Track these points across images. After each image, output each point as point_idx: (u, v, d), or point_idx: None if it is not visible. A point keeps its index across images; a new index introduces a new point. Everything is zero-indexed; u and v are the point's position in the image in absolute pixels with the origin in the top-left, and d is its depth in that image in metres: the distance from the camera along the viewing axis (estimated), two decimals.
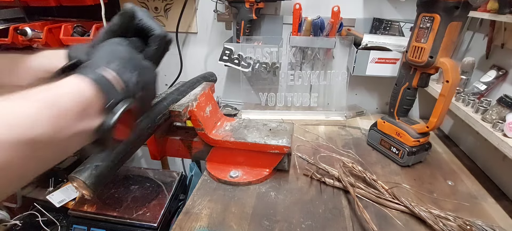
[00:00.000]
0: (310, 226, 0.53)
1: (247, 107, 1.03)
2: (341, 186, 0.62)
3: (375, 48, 0.85)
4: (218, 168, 0.67)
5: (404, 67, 0.70)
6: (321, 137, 0.85)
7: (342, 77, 0.95)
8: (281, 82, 0.99)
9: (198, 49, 1.09)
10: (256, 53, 0.91)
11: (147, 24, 0.38)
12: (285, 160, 0.65)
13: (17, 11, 1.02)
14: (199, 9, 1.01)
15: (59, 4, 0.96)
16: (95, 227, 0.74)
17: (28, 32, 0.92)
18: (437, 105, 0.63)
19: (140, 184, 0.83)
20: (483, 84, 0.71)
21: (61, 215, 0.94)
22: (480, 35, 0.78)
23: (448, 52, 0.60)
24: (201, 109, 0.62)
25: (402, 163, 0.70)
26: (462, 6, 0.55)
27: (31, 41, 0.94)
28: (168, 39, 0.41)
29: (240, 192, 0.62)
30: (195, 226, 0.53)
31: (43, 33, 0.93)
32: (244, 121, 0.71)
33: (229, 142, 0.63)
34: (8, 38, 0.94)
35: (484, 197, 0.62)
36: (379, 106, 1.07)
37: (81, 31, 1.00)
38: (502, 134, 0.56)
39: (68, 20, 1.07)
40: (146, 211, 0.74)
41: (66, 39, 0.97)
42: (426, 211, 0.54)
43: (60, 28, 0.96)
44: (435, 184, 0.65)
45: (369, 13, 0.92)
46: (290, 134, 0.65)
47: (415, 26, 0.62)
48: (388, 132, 0.74)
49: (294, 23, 0.88)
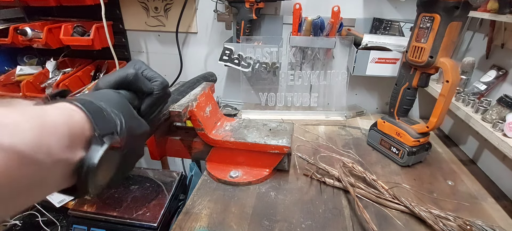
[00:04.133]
0: (310, 226, 0.53)
1: (247, 108, 1.03)
2: (341, 186, 0.62)
3: (375, 48, 0.85)
4: (218, 168, 0.67)
5: (404, 67, 0.70)
6: (321, 137, 0.85)
7: (342, 77, 0.95)
8: (281, 82, 0.99)
9: (198, 49, 1.09)
10: (256, 53, 0.91)
11: (149, 74, 0.39)
12: (285, 160, 0.65)
13: (17, 11, 1.03)
14: (199, 9, 1.01)
15: (59, 4, 0.96)
16: (95, 227, 0.74)
17: (28, 32, 0.92)
18: (437, 105, 0.63)
19: (140, 184, 0.83)
20: (483, 84, 0.71)
21: (61, 215, 0.93)
22: (480, 35, 0.78)
23: (448, 52, 0.60)
24: (201, 110, 0.62)
25: (402, 163, 0.70)
26: (462, 6, 0.55)
27: (31, 41, 0.94)
28: (167, 93, 0.42)
29: (240, 192, 0.62)
30: (195, 226, 0.53)
31: (43, 33, 0.93)
32: (244, 121, 0.71)
33: (229, 142, 0.63)
34: (8, 38, 0.94)
35: (484, 197, 0.62)
36: (379, 106, 1.07)
37: (81, 31, 1.00)
38: (502, 134, 0.56)
39: (68, 20, 1.07)
40: (146, 211, 0.74)
41: (66, 39, 0.97)
42: (426, 211, 0.53)
43: (60, 28, 0.96)
44: (435, 184, 0.65)
45: (369, 13, 0.92)
46: (290, 134, 0.65)
47: (415, 26, 0.62)
48: (388, 132, 0.74)
49: (294, 23, 0.88)
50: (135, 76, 0.36)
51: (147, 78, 0.39)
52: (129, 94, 0.36)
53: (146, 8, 1.04)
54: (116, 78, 0.36)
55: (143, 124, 0.36)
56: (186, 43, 1.09)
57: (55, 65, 1.09)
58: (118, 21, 1.08)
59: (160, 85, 0.40)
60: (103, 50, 1.03)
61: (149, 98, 0.39)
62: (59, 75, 1.04)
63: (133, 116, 0.34)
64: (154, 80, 0.40)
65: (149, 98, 0.39)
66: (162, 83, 0.40)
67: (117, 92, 0.35)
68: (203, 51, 1.09)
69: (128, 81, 0.36)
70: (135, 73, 0.36)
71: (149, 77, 0.40)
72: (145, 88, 0.38)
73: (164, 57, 1.13)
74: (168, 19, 1.04)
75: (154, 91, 0.39)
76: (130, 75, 0.36)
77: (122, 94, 0.35)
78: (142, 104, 0.38)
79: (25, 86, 0.98)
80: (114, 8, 1.05)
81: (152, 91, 0.39)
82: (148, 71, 0.40)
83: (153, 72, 0.40)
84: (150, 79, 0.39)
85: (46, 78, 1.05)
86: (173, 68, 1.12)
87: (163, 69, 1.16)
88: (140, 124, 0.36)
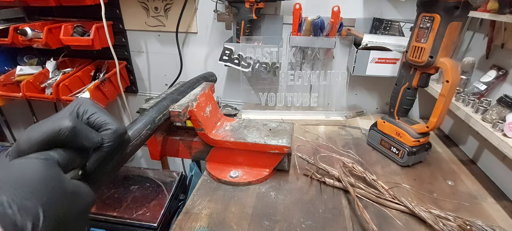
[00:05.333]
0: (310, 226, 0.53)
1: (247, 107, 1.03)
2: (341, 186, 0.62)
3: (375, 48, 0.85)
4: (218, 168, 0.67)
5: (404, 67, 0.70)
6: (321, 137, 0.85)
7: (342, 77, 0.95)
8: (281, 82, 0.99)
9: (198, 49, 1.09)
10: (256, 53, 0.91)
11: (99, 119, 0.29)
12: (285, 160, 0.65)
13: (17, 11, 1.03)
14: (199, 9, 1.01)
15: (59, 4, 0.96)
16: (95, 227, 0.74)
17: (28, 32, 0.92)
18: (437, 105, 0.63)
19: (140, 184, 0.83)
20: (483, 84, 0.71)
21: None
22: (480, 35, 0.78)
23: (448, 52, 0.60)
24: (201, 110, 0.62)
25: (402, 163, 0.70)
26: (462, 6, 0.55)
27: (31, 41, 0.94)
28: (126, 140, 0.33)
29: (240, 192, 0.62)
30: (195, 226, 0.53)
31: (43, 33, 0.94)
32: (244, 121, 0.71)
33: (229, 142, 0.63)
34: (8, 38, 0.94)
35: (484, 197, 0.62)
36: (379, 106, 1.07)
37: (81, 31, 1.01)
38: (502, 134, 0.56)
39: (68, 20, 1.07)
40: (146, 211, 0.74)
41: (66, 39, 0.97)
42: (426, 211, 0.54)
43: (60, 28, 0.96)
44: (435, 184, 0.65)
45: (369, 13, 0.92)
46: (290, 134, 0.65)
47: (415, 26, 0.62)
48: (388, 132, 0.74)
49: (294, 23, 0.88)
50: (71, 132, 0.26)
51: (95, 125, 0.30)
52: (65, 154, 0.27)
53: (146, 8, 1.04)
54: (44, 135, 0.26)
55: (83, 194, 0.27)
56: (186, 43, 1.09)
57: (55, 65, 1.09)
58: (118, 21, 1.08)
59: (112, 135, 0.30)
60: (103, 50, 1.03)
61: (98, 153, 0.29)
62: (59, 75, 1.04)
63: (65, 194, 0.25)
64: (104, 128, 0.30)
65: (98, 153, 0.29)
66: (116, 131, 0.30)
67: (42, 161, 0.25)
68: (203, 51, 1.09)
69: (61, 140, 0.26)
70: (72, 128, 0.26)
71: (97, 124, 0.30)
72: (88, 143, 0.28)
73: (164, 57, 1.13)
74: (168, 19, 1.04)
75: (103, 144, 0.29)
76: (63, 131, 0.26)
77: (49, 161, 0.25)
78: (87, 162, 0.29)
79: (25, 86, 0.98)
80: (114, 8, 1.05)
81: (101, 144, 0.29)
82: (97, 116, 0.30)
83: (104, 115, 0.30)
84: (98, 128, 0.30)
85: (46, 78, 1.05)
86: (173, 68, 1.12)
87: (163, 69, 1.16)
88: (77, 199, 0.26)
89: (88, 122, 0.29)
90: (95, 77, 1.10)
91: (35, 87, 1.02)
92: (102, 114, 0.30)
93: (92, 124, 0.30)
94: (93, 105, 0.30)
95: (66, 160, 0.27)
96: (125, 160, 0.38)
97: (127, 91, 1.23)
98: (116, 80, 1.08)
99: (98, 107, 0.31)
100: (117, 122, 0.31)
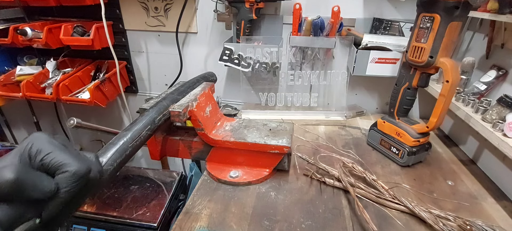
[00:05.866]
0: (310, 226, 0.53)
1: (247, 107, 1.03)
2: (341, 186, 0.62)
3: (375, 48, 0.85)
4: (218, 168, 0.67)
5: (404, 67, 0.70)
6: (321, 137, 0.85)
7: (342, 77, 0.95)
8: (281, 82, 0.99)
9: (198, 49, 1.09)
10: (256, 53, 0.91)
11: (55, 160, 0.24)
12: (285, 160, 0.65)
13: (17, 11, 1.03)
14: (199, 9, 1.01)
15: (59, 4, 0.96)
16: (95, 227, 0.74)
17: (28, 32, 0.92)
18: (437, 105, 0.63)
19: (140, 184, 0.83)
20: (483, 84, 0.71)
21: None
22: (480, 35, 0.78)
23: (448, 52, 0.60)
24: (201, 110, 0.62)
25: (402, 163, 0.70)
26: (462, 6, 0.55)
27: (31, 41, 0.94)
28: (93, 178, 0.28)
29: (240, 192, 0.62)
30: (195, 226, 0.53)
31: (43, 33, 0.94)
32: (244, 121, 0.71)
33: (229, 142, 0.63)
34: (8, 38, 0.94)
35: (484, 197, 0.62)
36: (379, 106, 1.07)
37: (81, 31, 1.01)
38: (502, 134, 0.56)
39: (68, 20, 1.07)
40: (146, 211, 0.74)
41: (66, 39, 0.97)
42: (426, 211, 0.54)
43: (60, 28, 0.96)
44: (435, 184, 0.65)
45: (369, 13, 0.92)
46: (290, 134, 0.65)
47: (415, 26, 0.62)
48: (388, 132, 0.74)
49: (294, 23, 0.88)
50: (13, 186, 0.22)
51: (50, 168, 0.25)
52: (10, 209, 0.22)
53: (146, 8, 1.04)
54: None
55: None
56: (186, 43, 1.09)
57: (55, 65, 1.09)
58: (118, 21, 1.08)
59: (70, 179, 0.25)
60: (103, 50, 1.03)
61: (55, 201, 0.25)
62: (59, 75, 1.04)
63: None
64: (60, 170, 0.25)
65: (55, 201, 0.24)
66: (74, 174, 0.25)
67: None
68: (203, 51, 1.09)
69: (2, 195, 0.22)
70: (14, 181, 0.21)
71: (53, 166, 0.25)
72: (38, 195, 0.23)
73: (164, 57, 1.13)
74: (168, 19, 1.04)
75: (60, 190, 0.24)
76: (3, 186, 0.21)
77: None
78: (43, 211, 0.25)
79: (25, 87, 0.98)
80: (114, 8, 1.05)
81: (56, 191, 0.24)
82: (52, 156, 0.25)
83: (62, 154, 0.25)
84: (54, 170, 0.25)
85: (46, 78, 1.05)
86: (173, 68, 1.12)
87: (163, 69, 1.16)
88: None
89: (41, 165, 0.24)
90: (95, 77, 1.10)
91: (35, 87, 1.02)
92: (58, 154, 0.25)
93: (47, 166, 0.24)
94: (49, 142, 0.25)
95: (12, 216, 0.22)
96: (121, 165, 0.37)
97: (127, 91, 1.23)
98: (116, 80, 1.08)
99: (55, 145, 0.25)
100: (79, 160, 0.26)
